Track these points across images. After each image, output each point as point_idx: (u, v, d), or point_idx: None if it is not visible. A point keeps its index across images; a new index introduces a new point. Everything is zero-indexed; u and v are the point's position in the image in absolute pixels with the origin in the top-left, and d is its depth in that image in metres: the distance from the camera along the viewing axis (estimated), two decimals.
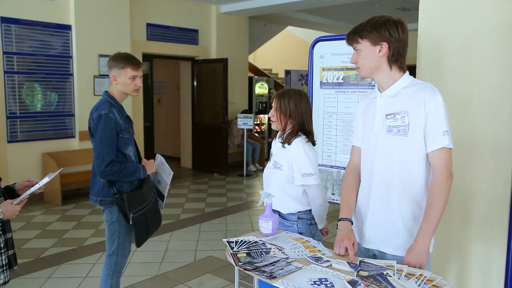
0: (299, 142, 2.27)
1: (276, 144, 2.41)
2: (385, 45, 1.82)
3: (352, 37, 1.88)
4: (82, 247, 4.49)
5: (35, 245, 4.53)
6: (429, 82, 1.87)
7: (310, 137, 2.34)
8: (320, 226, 2.47)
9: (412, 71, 2.92)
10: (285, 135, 2.31)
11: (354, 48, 1.89)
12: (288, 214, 2.34)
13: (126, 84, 2.69)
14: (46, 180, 2.19)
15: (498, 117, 2.48)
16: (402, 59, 1.87)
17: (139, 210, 2.64)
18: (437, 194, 1.78)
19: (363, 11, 9.10)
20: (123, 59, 2.65)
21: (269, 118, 2.42)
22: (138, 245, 2.76)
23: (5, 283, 2.06)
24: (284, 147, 2.29)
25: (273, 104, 2.34)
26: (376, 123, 1.91)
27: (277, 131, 2.40)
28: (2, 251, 2.07)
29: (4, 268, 2.08)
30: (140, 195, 2.69)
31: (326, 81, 3.03)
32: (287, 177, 2.29)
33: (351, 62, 1.94)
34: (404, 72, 1.88)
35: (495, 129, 2.49)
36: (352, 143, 2.15)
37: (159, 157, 3.01)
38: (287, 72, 10.31)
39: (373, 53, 1.84)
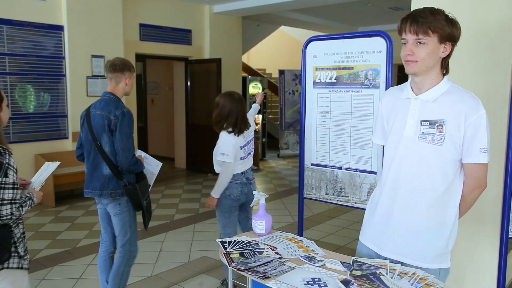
0: (222, 133, 3.22)
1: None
2: (449, 46, 1.68)
3: (422, 26, 1.63)
4: (75, 249, 4.47)
5: (28, 247, 4.48)
6: (470, 92, 1.73)
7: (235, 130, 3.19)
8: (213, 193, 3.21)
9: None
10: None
11: (416, 39, 1.65)
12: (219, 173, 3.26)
13: (131, 85, 3.09)
14: (53, 166, 2.58)
15: (490, 117, 2.48)
16: (448, 63, 1.75)
17: (148, 197, 3.04)
18: (463, 202, 1.79)
19: (355, 10, 9.14)
20: (131, 65, 3.05)
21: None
22: (147, 228, 3.16)
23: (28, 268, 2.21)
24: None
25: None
26: (408, 128, 1.76)
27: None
28: (24, 235, 2.21)
29: (27, 252, 2.21)
30: (146, 184, 3.06)
31: (319, 81, 3.04)
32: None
33: (406, 53, 1.68)
34: (444, 75, 1.75)
35: (496, 127, 2.50)
36: (373, 140, 2.06)
37: (141, 153, 3.25)
38: (281, 72, 10.32)
39: (437, 52, 1.67)
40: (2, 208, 1.95)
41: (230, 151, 3.13)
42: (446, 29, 1.64)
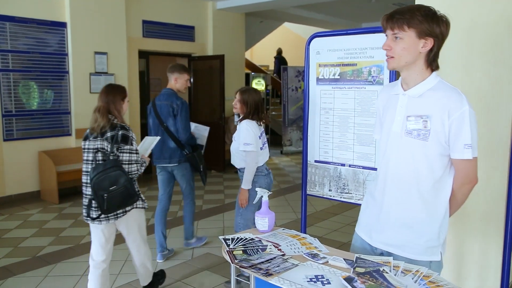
0: (246, 122, 3.30)
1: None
2: (430, 41, 1.69)
3: (396, 22, 1.68)
4: (79, 245, 4.48)
5: (32, 244, 4.51)
6: (457, 88, 1.74)
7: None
8: (243, 186, 3.35)
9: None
10: (242, 117, 3.37)
11: (393, 34, 1.71)
12: (241, 168, 3.41)
13: (182, 84, 4.09)
14: (154, 140, 3.47)
15: (495, 113, 2.48)
16: (437, 59, 1.76)
17: (203, 161, 4.10)
18: (453, 197, 1.80)
19: (359, 7, 9.10)
20: (182, 68, 4.11)
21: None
22: (205, 184, 4.40)
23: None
24: (235, 125, 3.43)
25: (236, 97, 3.40)
26: (396, 123, 1.80)
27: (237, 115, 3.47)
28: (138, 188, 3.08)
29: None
30: (201, 153, 4.19)
31: (322, 77, 3.02)
32: (236, 145, 3.36)
33: (384, 48, 1.75)
34: (433, 71, 1.76)
35: (492, 125, 2.49)
36: (374, 136, 2.09)
37: (192, 124, 4.25)
38: (284, 69, 10.30)
39: (415, 46, 1.69)
40: (132, 166, 2.91)
41: (253, 140, 3.27)
42: (423, 25, 1.66)
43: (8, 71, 5.93)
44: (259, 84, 10.00)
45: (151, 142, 3.43)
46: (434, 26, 1.67)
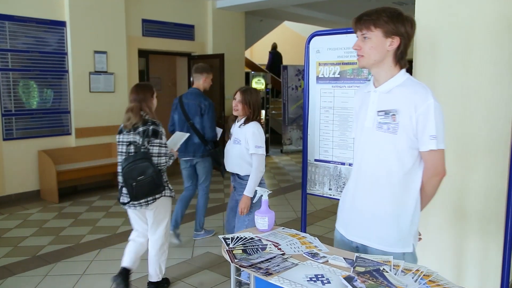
0: (255, 123, 3.14)
1: (235, 126, 3.25)
2: (396, 40, 1.78)
3: (364, 23, 1.79)
4: (79, 245, 4.48)
5: (31, 243, 4.51)
6: (423, 83, 1.83)
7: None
8: (247, 193, 3.12)
9: (409, 64, 2.91)
10: (245, 119, 3.16)
11: (361, 35, 1.81)
12: (245, 175, 3.16)
13: (208, 83, 4.54)
14: (182, 135, 3.78)
15: (494, 111, 2.47)
16: (405, 57, 1.84)
17: (223, 157, 3.96)
18: (423, 190, 1.86)
19: (359, 5, 9.07)
20: (210, 69, 4.62)
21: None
22: (224, 176, 4.59)
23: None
24: (239, 127, 3.16)
25: (237, 98, 3.18)
26: (368, 118, 1.89)
27: (236, 116, 3.25)
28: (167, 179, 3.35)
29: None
30: (221, 149, 4.00)
31: (322, 76, 3.01)
32: (244, 149, 3.11)
33: (353, 48, 1.86)
34: (401, 69, 1.84)
35: (491, 124, 2.49)
36: (352, 135, 2.15)
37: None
38: (284, 67, 10.29)
39: (383, 45, 1.79)
40: (161, 158, 3.18)
41: (263, 142, 3.14)
42: (389, 25, 1.76)
43: (8, 71, 5.92)
44: (259, 83, 9.99)
45: (180, 137, 3.74)
46: (399, 26, 1.76)
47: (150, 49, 7.83)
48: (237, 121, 3.25)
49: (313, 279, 1.60)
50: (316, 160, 3.11)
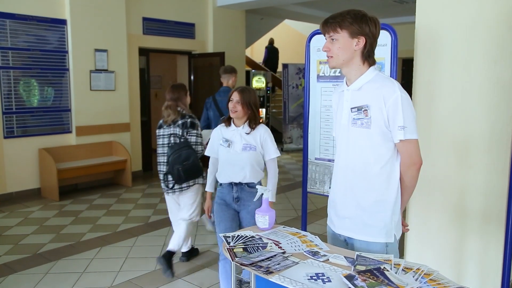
0: (264, 125, 2.97)
1: (232, 131, 2.94)
2: (362, 40, 1.87)
3: (330, 25, 1.89)
4: (79, 243, 4.48)
5: (32, 241, 4.51)
6: (391, 78, 1.93)
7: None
8: (273, 199, 2.98)
9: (410, 64, 2.91)
10: (249, 121, 2.91)
11: (329, 37, 1.91)
12: (257, 183, 2.95)
13: (235, 82, 4.99)
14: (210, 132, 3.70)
15: (495, 110, 2.47)
16: (373, 55, 1.92)
17: None
18: (403, 181, 1.93)
19: (360, 4, 9.07)
20: (235, 69, 5.04)
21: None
22: None
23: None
24: (248, 133, 2.89)
25: (235, 98, 2.89)
26: (344, 116, 1.98)
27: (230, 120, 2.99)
28: None
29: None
30: None
31: (323, 74, 3.01)
32: (259, 154, 2.92)
33: (323, 50, 1.94)
34: (370, 66, 1.92)
35: (492, 122, 2.49)
36: (333, 134, 2.22)
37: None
38: (285, 66, 10.28)
39: (350, 45, 1.87)
40: (198, 147, 3.68)
41: None
42: (353, 26, 1.85)
43: (9, 69, 5.92)
44: (259, 82, 9.99)
45: (208, 133, 3.88)
46: (363, 26, 1.86)
47: (150, 47, 7.82)
48: (230, 125, 2.96)
49: (313, 277, 1.60)
50: (316, 159, 3.11)
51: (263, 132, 2.92)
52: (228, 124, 2.98)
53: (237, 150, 2.88)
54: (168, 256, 3.62)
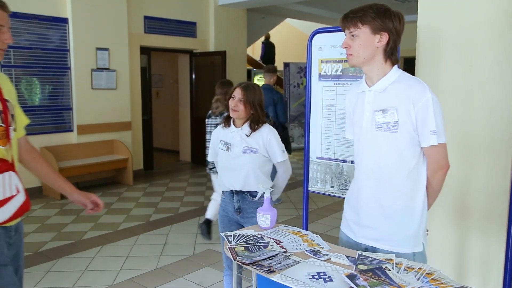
0: (268, 126, 2.66)
1: (231, 132, 2.67)
2: (385, 36, 1.75)
3: (351, 20, 1.77)
4: (81, 241, 4.49)
5: (34, 239, 4.52)
6: (418, 78, 1.81)
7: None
8: (275, 198, 2.77)
9: (412, 63, 2.90)
10: (250, 122, 2.63)
11: (349, 33, 1.79)
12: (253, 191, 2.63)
13: (275, 80, 5.86)
14: None
15: (497, 109, 2.46)
16: (396, 53, 1.81)
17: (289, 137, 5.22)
18: (429, 185, 1.85)
19: (362, 3, 9.04)
20: (276, 69, 5.93)
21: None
22: (291, 153, 5.77)
23: None
24: (248, 134, 2.61)
25: (237, 96, 2.60)
26: (365, 119, 1.85)
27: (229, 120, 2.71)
28: None
29: None
30: (288, 132, 5.51)
31: (324, 73, 3.01)
32: (262, 158, 2.62)
33: (342, 47, 1.82)
34: (393, 65, 1.82)
35: (494, 122, 2.48)
36: (345, 135, 2.15)
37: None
38: (286, 65, 10.27)
39: (372, 42, 1.76)
40: None
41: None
42: (376, 21, 1.73)
43: (10, 67, 5.92)
44: (261, 80, 9.97)
45: None
46: (387, 21, 1.74)
47: (152, 46, 7.81)
48: (230, 125, 2.70)
49: (315, 276, 1.60)
50: (318, 158, 3.10)
51: (267, 133, 2.61)
52: (228, 125, 2.70)
53: (237, 153, 2.62)
54: (207, 223, 4.44)
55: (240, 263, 1.76)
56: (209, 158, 2.93)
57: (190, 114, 8.73)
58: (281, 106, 5.71)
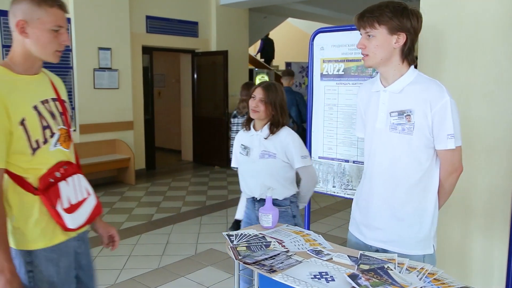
0: (287, 129, 2.47)
1: (251, 136, 2.52)
2: (403, 36, 1.70)
3: (367, 20, 1.71)
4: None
5: None
6: (436, 80, 1.77)
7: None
8: (302, 206, 2.59)
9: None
10: (269, 124, 2.46)
11: (365, 33, 1.73)
12: (283, 200, 2.44)
13: (293, 83, 6.32)
14: None
15: (500, 109, 2.46)
16: (413, 53, 1.76)
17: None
18: (441, 187, 1.82)
19: (364, 2, 9.02)
20: (293, 73, 6.46)
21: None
22: None
23: None
24: (266, 137, 2.44)
25: (257, 96, 2.44)
26: (379, 119, 1.81)
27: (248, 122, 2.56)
28: None
29: None
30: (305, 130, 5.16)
31: (326, 73, 3.01)
32: (281, 163, 2.42)
33: (358, 47, 1.77)
34: (410, 65, 1.77)
35: (497, 121, 2.47)
36: (356, 133, 2.13)
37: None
38: (288, 64, 10.27)
39: (389, 43, 1.71)
40: None
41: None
42: (393, 20, 1.67)
43: None
44: (262, 80, 9.98)
45: None
46: (404, 21, 1.68)
47: (154, 46, 7.82)
48: (250, 129, 2.56)
49: (317, 276, 1.59)
50: (320, 158, 3.10)
51: (285, 137, 2.42)
52: (248, 128, 2.56)
53: (255, 158, 2.47)
54: (237, 224, 4.31)
55: (242, 263, 1.76)
56: (232, 165, 2.71)
57: (192, 113, 8.74)
58: (304, 105, 5.82)
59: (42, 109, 1.65)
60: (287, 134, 2.43)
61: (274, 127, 2.44)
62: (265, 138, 2.44)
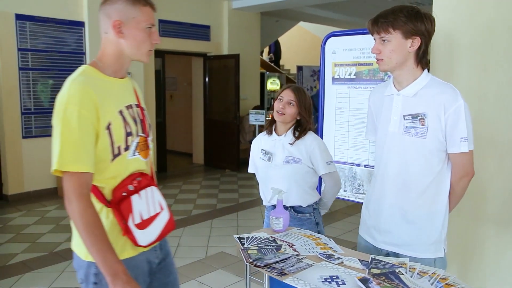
0: (313, 134, 2.40)
1: (273, 140, 2.42)
2: (417, 40, 1.71)
3: (381, 25, 1.71)
4: None
5: (49, 240, 4.58)
6: (450, 83, 1.77)
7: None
8: (323, 213, 2.54)
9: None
10: (293, 129, 2.39)
11: (380, 38, 1.74)
12: (306, 207, 2.38)
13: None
14: None
15: (503, 112, 2.44)
16: (426, 56, 1.77)
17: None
18: (452, 191, 1.83)
19: (376, 6, 9.00)
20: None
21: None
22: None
23: None
24: (292, 143, 2.36)
25: (285, 97, 2.35)
26: (392, 123, 1.82)
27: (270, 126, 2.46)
28: None
29: None
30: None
31: (338, 77, 3.01)
32: (306, 169, 2.35)
33: (373, 52, 1.78)
34: (423, 69, 1.79)
35: (510, 125, 2.45)
36: (366, 137, 2.13)
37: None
38: (299, 68, 10.27)
39: (404, 47, 1.72)
40: None
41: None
42: (408, 25, 1.68)
43: (28, 70, 6.02)
44: (274, 84, 9.99)
45: None
46: (419, 25, 1.69)
47: (166, 49, 7.88)
48: (272, 133, 2.45)
49: (327, 280, 1.59)
50: None
51: (310, 142, 2.35)
52: (270, 132, 2.45)
53: (278, 163, 2.37)
54: None
55: (253, 266, 1.76)
56: (249, 170, 2.59)
57: (203, 117, 8.77)
58: (316, 111, 6.11)
59: (127, 114, 1.59)
60: (313, 139, 2.36)
61: (300, 131, 2.37)
62: (291, 144, 2.36)
